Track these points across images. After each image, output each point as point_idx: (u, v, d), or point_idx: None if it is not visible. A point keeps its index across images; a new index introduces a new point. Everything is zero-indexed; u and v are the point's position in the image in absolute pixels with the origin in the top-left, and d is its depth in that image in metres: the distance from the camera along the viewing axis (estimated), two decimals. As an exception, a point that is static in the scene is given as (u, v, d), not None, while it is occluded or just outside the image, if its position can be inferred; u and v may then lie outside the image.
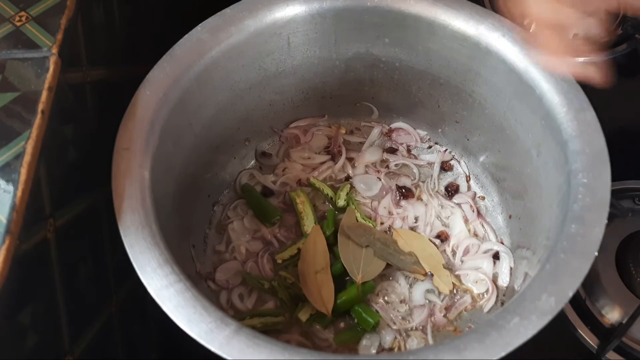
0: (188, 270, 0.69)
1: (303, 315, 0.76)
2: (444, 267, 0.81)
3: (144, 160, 0.64)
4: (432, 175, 0.91)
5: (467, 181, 0.91)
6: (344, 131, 0.95)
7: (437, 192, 0.90)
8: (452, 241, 0.85)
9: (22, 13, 0.60)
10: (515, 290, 0.77)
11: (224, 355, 0.52)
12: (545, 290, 0.56)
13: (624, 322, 0.77)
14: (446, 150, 0.93)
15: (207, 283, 0.80)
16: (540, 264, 0.61)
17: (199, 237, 0.84)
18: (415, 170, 0.92)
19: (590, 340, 0.78)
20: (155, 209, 0.62)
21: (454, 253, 0.84)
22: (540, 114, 0.70)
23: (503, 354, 0.52)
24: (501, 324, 0.54)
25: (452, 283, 0.80)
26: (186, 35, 0.73)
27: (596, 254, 0.58)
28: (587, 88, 0.68)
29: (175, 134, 0.71)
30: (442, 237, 0.86)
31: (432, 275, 0.81)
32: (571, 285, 0.56)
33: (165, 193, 0.68)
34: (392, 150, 0.94)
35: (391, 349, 0.76)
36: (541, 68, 0.70)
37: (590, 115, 0.66)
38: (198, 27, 0.74)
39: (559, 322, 0.76)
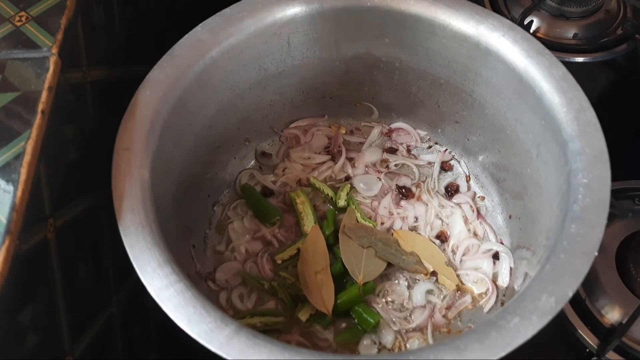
0: (188, 270, 0.69)
1: (303, 315, 0.76)
2: (447, 265, 0.81)
3: (144, 160, 0.64)
4: (432, 175, 0.91)
5: (467, 181, 0.91)
6: (344, 131, 0.95)
7: (437, 192, 0.90)
8: (452, 241, 0.85)
9: (22, 13, 0.60)
10: (515, 290, 0.77)
11: (224, 355, 0.52)
12: (545, 291, 0.56)
13: (623, 322, 0.77)
14: (446, 150, 0.93)
15: (207, 283, 0.80)
16: (540, 264, 0.61)
17: (199, 237, 0.84)
18: (415, 170, 0.92)
19: (590, 340, 0.78)
20: (155, 209, 0.62)
21: (453, 253, 0.84)
22: (541, 114, 0.70)
23: (503, 354, 0.52)
24: (501, 324, 0.54)
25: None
26: (186, 36, 0.73)
27: (596, 254, 0.58)
28: (587, 88, 0.68)
29: (175, 134, 0.71)
30: (442, 237, 0.86)
31: (434, 275, 0.81)
32: (571, 285, 0.56)
33: (165, 193, 0.68)
34: (392, 150, 0.94)
35: (392, 349, 0.76)
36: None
37: (591, 115, 0.66)
38: (198, 27, 0.74)
39: (559, 322, 0.76)
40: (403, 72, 0.85)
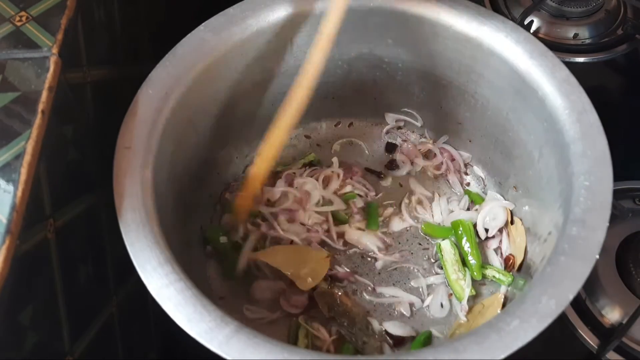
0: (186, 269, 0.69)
1: None
2: None
3: (145, 159, 0.64)
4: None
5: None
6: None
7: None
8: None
9: (23, 13, 0.60)
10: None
11: (223, 355, 0.52)
12: (546, 293, 0.56)
13: (624, 322, 0.77)
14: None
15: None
16: (541, 267, 0.61)
17: (200, 236, 0.84)
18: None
19: (590, 340, 0.78)
20: (157, 208, 0.62)
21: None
22: (543, 116, 0.70)
23: (502, 356, 0.52)
24: (501, 326, 0.54)
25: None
26: (189, 35, 0.73)
27: (597, 257, 0.57)
28: (587, 88, 0.68)
29: (177, 133, 0.71)
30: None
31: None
32: (572, 288, 0.56)
33: (166, 192, 0.68)
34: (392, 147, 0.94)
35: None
36: None
37: (593, 117, 0.66)
38: (201, 27, 0.74)
39: (559, 322, 0.75)
40: (406, 72, 0.85)
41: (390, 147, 0.94)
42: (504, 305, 0.76)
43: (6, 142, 0.52)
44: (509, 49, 0.72)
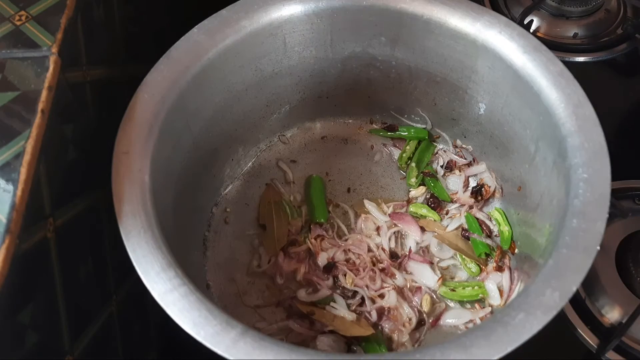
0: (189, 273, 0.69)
1: None
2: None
3: (143, 164, 0.64)
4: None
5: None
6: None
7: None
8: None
9: (22, 12, 0.60)
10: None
11: (230, 358, 0.52)
12: (549, 286, 0.56)
13: (623, 321, 0.77)
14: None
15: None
16: (543, 260, 0.61)
17: (198, 240, 0.84)
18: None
19: (590, 340, 0.78)
20: (156, 212, 0.61)
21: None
22: (539, 109, 0.70)
23: (510, 349, 0.52)
24: (506, 320, 0.54)
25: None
26: (182, 38, 0.73)
27: (598, 248, 0.58)
28: (587, 87, 0.68)
29: (173, 137, 0.71)
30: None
31: None
32: (575, 280, 0.56)
33: (165, 196, 0.68)
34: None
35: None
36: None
37: (589, 110, 0.66)
38: (194, 29, 0.74)
39: (559, 322, 0.76)
40: (399, 70, 0.85)
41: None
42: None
43: (6, 142, 0.52)
44: (503, 44, 0.73)
